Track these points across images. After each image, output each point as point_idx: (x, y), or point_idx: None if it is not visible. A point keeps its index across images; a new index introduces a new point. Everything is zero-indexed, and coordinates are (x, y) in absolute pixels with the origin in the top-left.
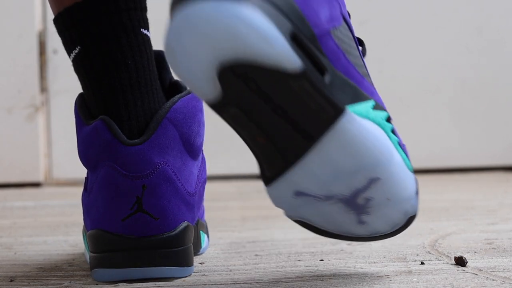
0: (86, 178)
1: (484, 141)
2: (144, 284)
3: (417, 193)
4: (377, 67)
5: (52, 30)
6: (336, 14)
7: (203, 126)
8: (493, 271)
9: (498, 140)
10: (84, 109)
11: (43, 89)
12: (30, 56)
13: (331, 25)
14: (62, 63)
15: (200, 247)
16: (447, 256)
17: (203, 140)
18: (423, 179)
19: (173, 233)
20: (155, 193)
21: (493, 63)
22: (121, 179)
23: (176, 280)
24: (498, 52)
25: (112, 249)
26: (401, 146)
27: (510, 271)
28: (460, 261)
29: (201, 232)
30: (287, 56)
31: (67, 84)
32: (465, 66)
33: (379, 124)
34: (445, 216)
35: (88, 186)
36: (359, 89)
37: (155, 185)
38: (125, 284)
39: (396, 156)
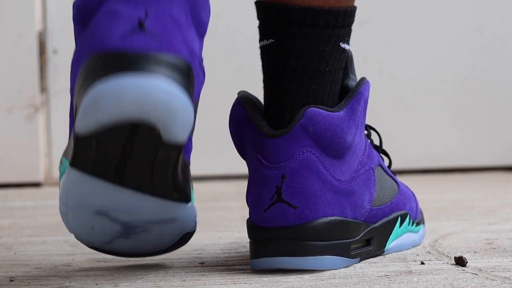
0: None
1: (484, 141)
2: (144, 285)
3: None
4: (377, 67)
5: (52, 30)
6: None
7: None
8: (493, 271)
9: (499, 140)
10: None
11: (43, 89)
12: (30, 56)
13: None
14: (62, 63)
15: None
16: (447, 256)
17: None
18: (423, 179)
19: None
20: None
21: (494, 63)
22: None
23: (176, 281)
24: (499, 52)
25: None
26: None
27: (510, 271)
28: (460, 261)
29: None
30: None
31: (67, 84)
32: (465, 66)
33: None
34: (445, 216)
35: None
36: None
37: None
38: (125, 284)
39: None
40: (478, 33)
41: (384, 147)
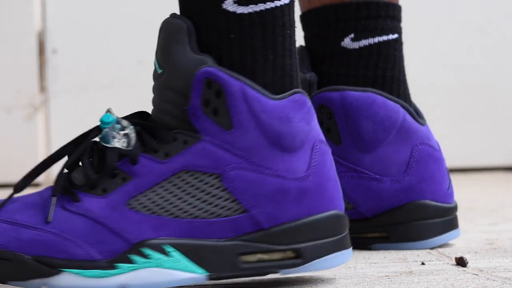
0: None
1: (485, 141)
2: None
3: None
4: None
5: (51, 30)
6: None
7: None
8: (494, 272)
9: (499, 141)
10: None
11: (43, 89)
12: (30, 56)
13: None
14: (61, 63)
15: None
16: (448, 256)
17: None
18: None
19: None
20: None
21: (494, 63)
22: None
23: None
24: (499, 52)
25: None
26: None
27: (510, 271)
28: (461, 262)
29: None
30: None
31: (66, 84)
32: (466, 66)
33: None
34: None
35: None
36: None
37: None
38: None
39: None
40: (478, 33)
41: None
